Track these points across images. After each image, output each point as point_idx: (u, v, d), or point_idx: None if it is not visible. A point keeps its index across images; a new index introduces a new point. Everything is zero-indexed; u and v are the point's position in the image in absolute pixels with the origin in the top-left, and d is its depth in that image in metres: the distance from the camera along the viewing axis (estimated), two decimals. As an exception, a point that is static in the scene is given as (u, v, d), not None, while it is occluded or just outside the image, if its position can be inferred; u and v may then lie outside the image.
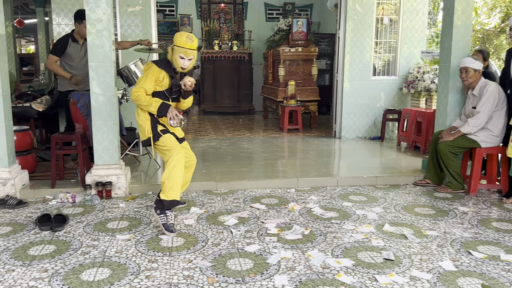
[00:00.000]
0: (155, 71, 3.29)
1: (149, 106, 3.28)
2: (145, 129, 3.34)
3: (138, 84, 3.30)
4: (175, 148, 3.30)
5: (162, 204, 3.23)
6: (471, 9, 4.43)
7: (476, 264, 2.73)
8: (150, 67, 3.31)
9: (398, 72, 6.94)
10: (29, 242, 3.02)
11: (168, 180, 3.21)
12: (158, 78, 3.29)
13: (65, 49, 4.77)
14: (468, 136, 4.16)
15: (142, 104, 3.28)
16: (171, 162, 3.23)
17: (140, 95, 3.25)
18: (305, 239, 3.08)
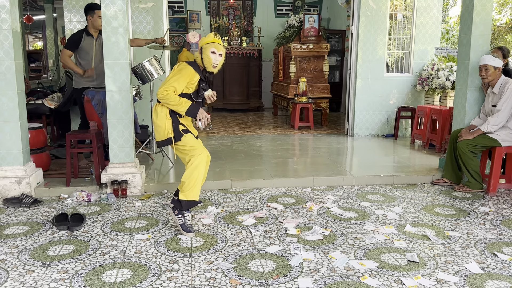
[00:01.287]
0: (190, 73, 3.19)
1: (178, 105, 3.17)
2: (165, 129, 3.22)
3: (167, 83, 3.16)
4: (197, 148, 3.23)
5: (180, 204, 3.17)
6: (490, 5, 4.35)
7: (503, 266, 2.67)
8: (185, 68, 3.20)
9: (411, 69, 6.86)
10: (47, 242, 3.00)
11: (189, 180, 3.15)
12: (191, 80, 3.20)
13: (79, 44, 4.75)
14: (488, 135, 4.09)
15: (170, 103, 3.15)
16: (194, 162, 3.17)
17: (169, 94, 3.14)
18: (326, 240, 3.04)
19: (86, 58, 4.83)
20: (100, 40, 4.91)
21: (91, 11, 4.76)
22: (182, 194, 3.18)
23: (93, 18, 4.73)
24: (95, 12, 4.74)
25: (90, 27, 4.81)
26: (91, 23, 4.78)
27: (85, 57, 4.83)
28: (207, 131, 7.34)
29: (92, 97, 4.39)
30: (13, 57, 3.78)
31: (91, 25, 4.79)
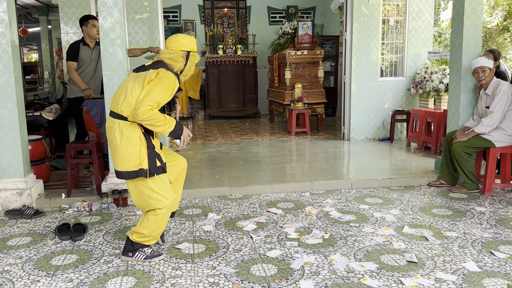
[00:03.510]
0: (172, 82, 2.63)
1: (164, 126, 2.59)
2: (137, 157, 2.60)
3: (148, 97, 2.50)
4: (167, 195, 2.70)
5: (133, 246, 2.78)
6: (481, 9, 4.44)
7: (500, 264, 2.73)
8: (166, 75, 2.60)
9: (405, 72, 6.95)
10: (50, 252, 3.03)
11: (151, 231, 2.73)
12: (173, 90, 2.64)
13: (78, 53, 4.86)
14: (482, 136, 4.16)
15: (155, 124, 2.55)
16: (158, 214, 2.67)
17: (155, 112, 2.53)
18: (326, 243, 3.08)
19: (83, 68, 4.91)
20: (96, 50, 4.97)
21: (85, 22, 4.87)
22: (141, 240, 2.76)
23: (87, 27, 4.84)
24: (89, 22, 4.84)
25: (86, 37, 4.91)
26: (86, 33, 4.88)
27: (82, 66, 4.91)
28: (205, 139, 7.39)
29: (90, 108, 4.44)
30: (12, 70, 3.82)
31: (87, 35, 4.90)
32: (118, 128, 2.61)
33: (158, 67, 2.66)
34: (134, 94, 2.59)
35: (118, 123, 2.61)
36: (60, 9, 5.93)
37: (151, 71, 2.63)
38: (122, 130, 2.60)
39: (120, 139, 2.60)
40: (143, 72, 2.67)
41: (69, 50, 4.91)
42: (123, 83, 2.73)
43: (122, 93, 2.64)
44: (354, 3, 6.54)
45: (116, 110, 2.62)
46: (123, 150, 2.60)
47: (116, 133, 2.61)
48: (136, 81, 2.62)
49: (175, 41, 2.74)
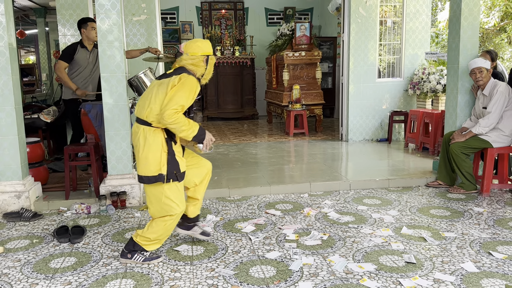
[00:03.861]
0: (195, 86, 2.69)
1: (188, 130, 2.64)
2: (158, 162, 2.66)
3: (173, 101, 2.57)
4: (180, 203, 2.76)
5: (134, 247, 2.79)
6: (478, 10, 4.46)
7: (498, 264, 2.74)
8: (189, 79, 2.66)
9: (402, 73, 6.96)
10: (49, 254, 3.02)
11: (157, 236, 2.76)
12: (195, 93, 2.71)
13: (73, 55, 4.86)
14: (480, 136, 4.18)
15: (180, 128, 2.60)
16: (167, 221, 2.72)
17: (181, 116, 2.60)
18: (324, 244, 3.09)
19: (79, 70, 4.91)
20: (94, 52, 4.97)
21: (84, 24, 4.87)
22: (146, 244, 2.78)
23: (86, 30, 4.85)
24: (88, 24, 4.84)
25: (85, 40, 4.91)
26: (85, 35, 4.88)
27: (78, 69, 4.90)
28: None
29: (89, 110, 4.44)
30: (10, 72, 3.82)
31: (86, 38, 4.90)
32: (143, 134, 2.68)
33: (180, 72, 2.72)
34: (158, 100, 2.64)
35: (143, 129, 2.69)
36: (58, 11, 5.93)
37: (174, 77, 2.70)
38: (146, 136, 2.67)
39: (143, 144, 2.67)
40: (166, 79, 2.73)
41: (65, 51, 4.93)
42: (148, 90, 2.78)
43: (147, 99, 2.70)
44: (351, 5, 6.56)
45: (142, 117, 2.69)
46: (145, 155, 2.67)
47: (140, 139, 2.69)
48: (159, 88, 2.68)
49: (195, 47, 2.80)
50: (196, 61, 2.77)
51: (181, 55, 2.75)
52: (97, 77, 5.04)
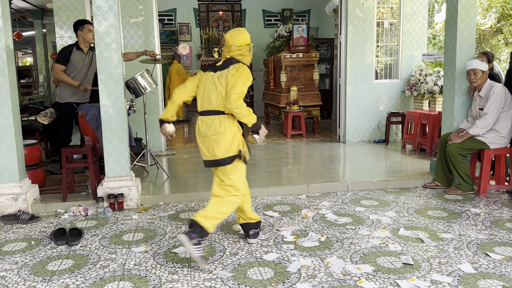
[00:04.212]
0: (249, 72, 2.87)
1: (249, 116, 2.81)
2: (237, 142, 2.87)
3: (236, 87, 2.77)
4: (243, 185, 2.99)
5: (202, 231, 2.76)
6: (474, 11, 4.48)
7: (495, 265, 2.74)
8: (244, 68, 2.86)
9: (400, 75, 6.98)
10: (46, 257, 3.02)
11: (220, 215, 2.86)
12: (250, 80, 2.88)
13: (69, 57, 4.84)
14: (477, 137, 4.19)
15: (243, 112, 2.78)
16: (234, 199, 2.91)
17: (243, 102, 2.79)
18: (322, 246, 3.09)
19: (75, 72, 4.88)
20: (90, 55, 4.96)
21: (80, 26, 4.85)
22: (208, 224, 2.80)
23: (83, 32, 4.82)
24: (85, 27, 4.82)
25: (81, 42, 4.89)
26: (81, 38, 4.86)
27: (74, 71, 4.88)
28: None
29: (86, 112, 4.43)
30: (7, 75, 3.81)
31: (82, 40, 4.88)
32: (219, 121, 2.86)
33: (234, 62, 2.91)
34: (222, 90, 2.85)
35: (218, 118, 2.87)
36: (55, 13, 5.92)
37: (232, 67, 2.88)
38: (224, 122, 2.86)
39: (224, 129, 2.85)
40: (223, 70, 2.89)
41: (61, 53, 4.91)
42: (205, 84, 2.92)
43: (212, 92, 2.88)
44: (348, 6, 6.58)
45: (212, 108, 2.88)
46: (227, 138, 2.85)
47: (218, 127, 2.86)
48: (221, 79, 2.87)
49: (241, 37, 2.97)
50: (244, 51, 2.96)
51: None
52: (91, 79, 5.03)
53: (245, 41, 2.96)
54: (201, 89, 2.95)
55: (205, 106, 2.90)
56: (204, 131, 2.90)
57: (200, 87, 2.96)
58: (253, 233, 3.17)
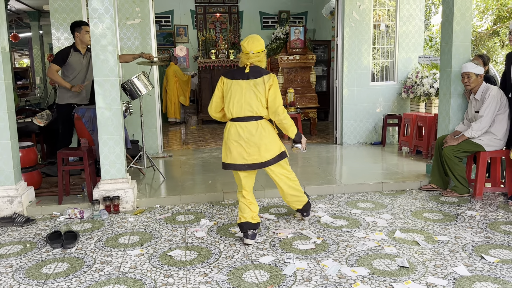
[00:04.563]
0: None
1: (292, 125, 3.17)
2: (279, 143, 3.23)
3: (278, 99, 3.11)
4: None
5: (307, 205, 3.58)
6: (470, 14, 4.49)
7: (490, 268, 2.75)
8: (275, 77, 3.17)
9: (396, 77, 7.00)
10: (41, 260, 3.01)
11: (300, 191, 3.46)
12: None
13: (66, 59, 4.82)
14: (472, 140, 4.20)
15: (288, 123, 3.14)
16: (294, 177, 3.41)
17: (287, 113, 3.15)
18: (318, 248, 3.09)
19: (73, 74, 4.87)
20: (87, 56, 4.96)
21: (77, 27, 4.84)
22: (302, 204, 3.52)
23: (80, 34, 4.81)
24: (82, 28, 4.80)
25: (78, 44, 4.88)
26: (79, 39, 4.85)
27: (72, 73, 4.87)
28: (198, 144, 7.38)
29: (82, 115, 4.42)
30: (2, 77, 3.80)
31: (79, 41, 4.86)
32: (262, 127, 3.11)
33: (263, 71, 3.15)
34: (263, 98, 3.09)
35: (260, 123, 3.11)
36: (51, 15, 5.91)
37: (267, 77, 3.11)
38: (266, 127, 3.12)
39: (267, 133, 3.11)
40: (257, 79, 3.10)
41: (58, 55, 4.89)
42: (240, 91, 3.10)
43: (252, 99, 3.09)
44: (345, 9, 6.59)
45: (253, 114, 3.09)
46: (270, 140, 3.12)
47: (261, 131, 3.10)
48: (258, 87, 3.09)
49: (258, 44, 3.15)
50: (261, 57, 3.16)
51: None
52: (91, 79, 5.02)
53: (261, 48, 3.15)
54: (234, 96, 3.10)
55: (245, 113, 3.09)
56: (247, 136, 3.08)
57: (231, 94, 3.12)
58: (251, 233, 3.19)
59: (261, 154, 3.11)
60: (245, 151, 3.10)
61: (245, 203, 3.22)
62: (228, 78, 3.16)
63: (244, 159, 3.12)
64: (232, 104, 3.10)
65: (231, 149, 3.13)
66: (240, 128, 3.09)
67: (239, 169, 3.15)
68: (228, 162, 3.17)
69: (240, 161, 3.13)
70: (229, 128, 3.15)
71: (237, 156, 3.12)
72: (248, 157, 3.11)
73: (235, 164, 3.14)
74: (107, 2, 3.88)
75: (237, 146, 3.11)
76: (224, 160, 3.21)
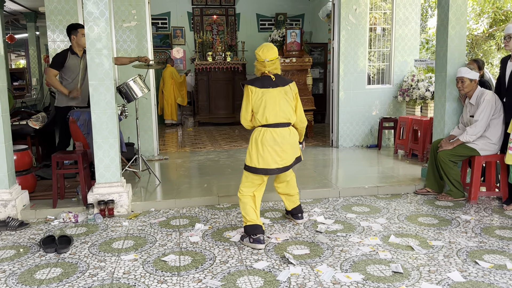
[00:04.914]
0: None
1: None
2: (298, 147, 3.47)
3: (301, 107, 3.41)
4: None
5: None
6: (464, 19, 4.51)
7: (484, 274, 2.75)
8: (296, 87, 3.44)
9: (392, 80, 7.01)
10: (34, 265, 2.99)
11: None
12: None
13: (64, 62, 4.81)
14: (467, 144, 4.21)
15: (305, 128, 3.50)
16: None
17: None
18: (312, 253, 3.09)
19: (71, 77, 4.87)
20: (84, 59, 4.93)
21: (74, 30, 4.82)
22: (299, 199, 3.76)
23: (77, 36, 4.80)
24: (78, 31, 4.79)
25: (75, 46, 4.87)
26: (75, 42, 4.84)
27: (70, 76, 4.86)
28: (194, 147, 7.38)
29: (77, 118, 4.41)
30: (-3, 80, 3.79)
31: (76, 44, 4.85)
32: (293, 132, 3.35)
33: (289, 79, 3.40)
34: (293, 105, 3.34)
35: (291, 129, 3.33)
36: (47, 17, 5.90)
37: (292, 85, 3.36)
38: (295, 132, 3.37)
39: (296, 139, 3.37)
40: (285, 87, 3.30)
41: (55, 58, 4.87)
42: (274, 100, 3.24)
43: (286, 106, 3.27)
44: (341, 12, 6.60)
45: (287, 120, 3.29)
46: (297, 145, 3.39)
47: (294, 137, 3.35)
48: (288, 95, 3.30)
49: (272, 52, 3.30)
50: (276, 64, 3.32)
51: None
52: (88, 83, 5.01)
53: (275, 55, 3.29)
54: (268, 103, 3.22)
55: (279, 119, 3.25)
56: (282, 142, 3.25)
57: (266, 102, 3.22)
58: (263, 238, 3.22)
59: (290, 159, 3.35)
60: (279, 156, 3.26)
61: (253, 206, 3.30)
62: (257, 87, 3.24)
63: (277, 164, 3.27)
64: (268, 111, 3.21)
65: (265, 154, 3.23)
66: (276, 134, 3.23)
67: (271, 174, 3.29)
68: (260, 167, 3.24)
69: (273, 166, 3.26)
70: (263, 134, 3.23)
71: (270, 161, 3.24)
72: (280, 162, 3.28)
73: (268, 169, 3.25)
74: (102, 6, 3.87)
75: (271, 151, 3.23)
76: (255, 165, 3.26)
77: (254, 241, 3.17)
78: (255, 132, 3.32)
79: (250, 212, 3.27)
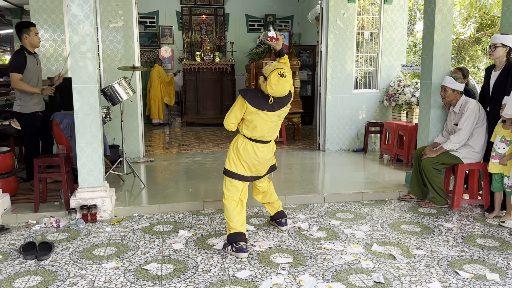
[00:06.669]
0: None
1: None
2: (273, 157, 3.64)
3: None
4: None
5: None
6: (450, 27, 4.54)
7: (464, 284, 2.78)
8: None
9: (379, 85, 7.05)
10: (13, 273, 2.94)
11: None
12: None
13: (26, 64, 4.56)
14: (451, 152, 4.25)
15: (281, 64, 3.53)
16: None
17: None
18: (295, 262, 3.09)
19: (31, 79, 4.65)
20: (38, 58, 4.78)
21: (26, 29, 4.57)
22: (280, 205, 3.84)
23: (29, 36, 4.58)
24: (31, 30, 4.58)
25: (28, 46, 4.62)
26: (28, 41, 4.59)
27: (31, 77, 4.63)
28: (181, 148, 7.33)
29: (60, 121, 4.35)
30: (-23, 82, 3.72)
31: (29, 44, 4.61)
32: (272, 147, 3.44)
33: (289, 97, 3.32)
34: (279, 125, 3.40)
35: (271, 144, 3.42)
36: (32, 16, 5.82)
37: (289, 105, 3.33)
38: (274, 146, 3.48)
39: (273, 152, 3.47)
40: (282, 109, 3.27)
41: (16, 62, 4.55)
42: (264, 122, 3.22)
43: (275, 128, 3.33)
44: (329, 16, 6.62)
45: (271, 138, 3.37)
46: (271, 157, 3.49)
47: (272, 150, 3.44)
48: (279, 118, 3.31)
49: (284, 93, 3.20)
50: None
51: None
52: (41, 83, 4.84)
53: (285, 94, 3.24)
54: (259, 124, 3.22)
55: (265, 138, 3.31)
56: (261, 156, 3.34)
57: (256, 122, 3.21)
58: (246, 246, 3.24)
59: (265, 170, 3.48)
60: (255, 168, 3.39)
61: (238, 212, 3.30)
62: (253, 106, 3.17)
63: (251, 172, 3.41)
64: (256, 131, 3.25)
65: (243, 163, 3.34)
66: (257, 149, 3.31)
67: (246, 180, 3.39)
68: (238, 172, 3.34)
69: (247, 174, 3.39)
70: (245, 144, 3.29)
71: (247, 169, 3.37)
72: (254, 172, 3.42)
73: (243, 176, 3.36)
74: (87, 8, 3.82)
75: (249, 162, 3.33)
76: (234, 170, 3.34)
77: (237, 250, 3.16)
78: (239, 139, 3.32)
79: (234, 219, 3.26)
